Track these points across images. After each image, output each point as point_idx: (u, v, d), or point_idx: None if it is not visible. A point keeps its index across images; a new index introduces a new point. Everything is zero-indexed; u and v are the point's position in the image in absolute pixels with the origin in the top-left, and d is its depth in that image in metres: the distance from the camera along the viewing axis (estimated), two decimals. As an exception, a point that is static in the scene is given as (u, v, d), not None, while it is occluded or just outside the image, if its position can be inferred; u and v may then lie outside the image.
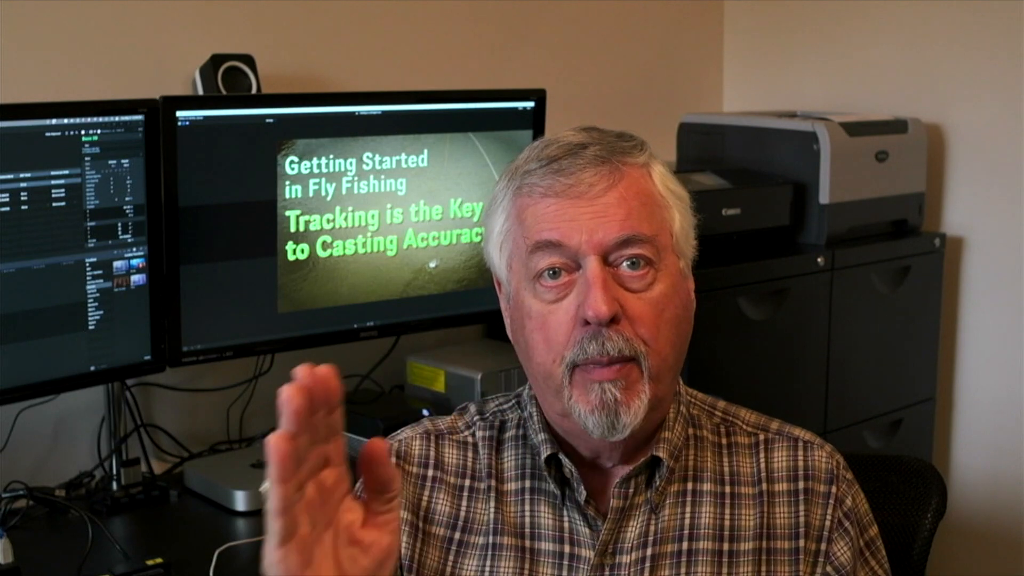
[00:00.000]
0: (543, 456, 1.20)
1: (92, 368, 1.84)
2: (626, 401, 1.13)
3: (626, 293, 1.13)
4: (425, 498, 1.23)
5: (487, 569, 1.20)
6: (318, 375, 0.81)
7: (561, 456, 1.20)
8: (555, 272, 1.15)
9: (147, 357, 1.90)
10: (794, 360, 2.48)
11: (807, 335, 2.49)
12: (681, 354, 1.19)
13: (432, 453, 1.25)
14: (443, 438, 1.26)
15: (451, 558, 1.21)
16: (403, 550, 1.20)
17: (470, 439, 1.26)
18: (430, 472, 1.24)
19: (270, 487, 0.81)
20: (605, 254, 1.13)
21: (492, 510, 1.22)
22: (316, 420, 0.82)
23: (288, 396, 0.79)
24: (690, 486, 1.22)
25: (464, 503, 1.23)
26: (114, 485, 1.99)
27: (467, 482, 1.24)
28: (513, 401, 1.29)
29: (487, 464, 1.24)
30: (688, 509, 1.21)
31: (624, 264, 1.14)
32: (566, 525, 1.20)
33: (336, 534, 0.86)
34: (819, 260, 2.48)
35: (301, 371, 0.81)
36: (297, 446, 0.80)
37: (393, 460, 1.23)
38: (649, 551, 1.18)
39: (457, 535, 1.22)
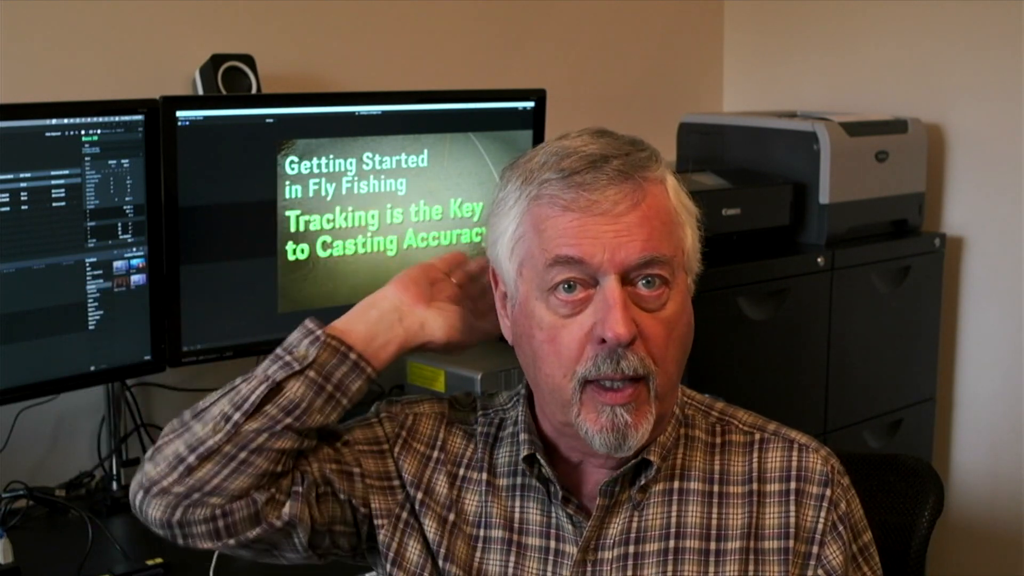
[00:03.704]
0: (520, 455, 1.22)
1: (92, 368, 1.84)
2: (635, 423, 1.14)
3: (641, 312, 1.14)
4: (427, 475, 1.27)
5: (476, 560, 1.23)
6: None
7: (538, 456, 1.21)
8: (571, 286, 1.14)
9: (147, 357, 1.90)
10: (794, 360, 2.48)
11: (807, 335, 2.49)
12: (683, 369, 1.20)
13: (440, 436, 1.29)
14: (454, 425, 1.30)
15: (445, 533, 1.24)
16: (406, 513, 1.24)
17: (478, 430, 1.29)
18: (435, 453, 1.28)
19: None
20: (625, 273, 1.13)
21: (485, 503, 1.24)
22: None
23: None
24: (676, 484, 1.22)
25: (456, 491, 1.26)
26: (114, 485, 1.99)
27: (462, 471, 1.27)
28: (515, 399, 1.31)
29: (481, 457, 1.27)
30: (674, 508, 1.21)
31: (640, 282, 1.14)
32: (553, 521, 1.22)
33: None
34: (819, 260, 2.48)
35: None
36: None
37: (404, 433, 1.28)
38: (632, 548, 1.20)
39: (452, 517, 1.25)
